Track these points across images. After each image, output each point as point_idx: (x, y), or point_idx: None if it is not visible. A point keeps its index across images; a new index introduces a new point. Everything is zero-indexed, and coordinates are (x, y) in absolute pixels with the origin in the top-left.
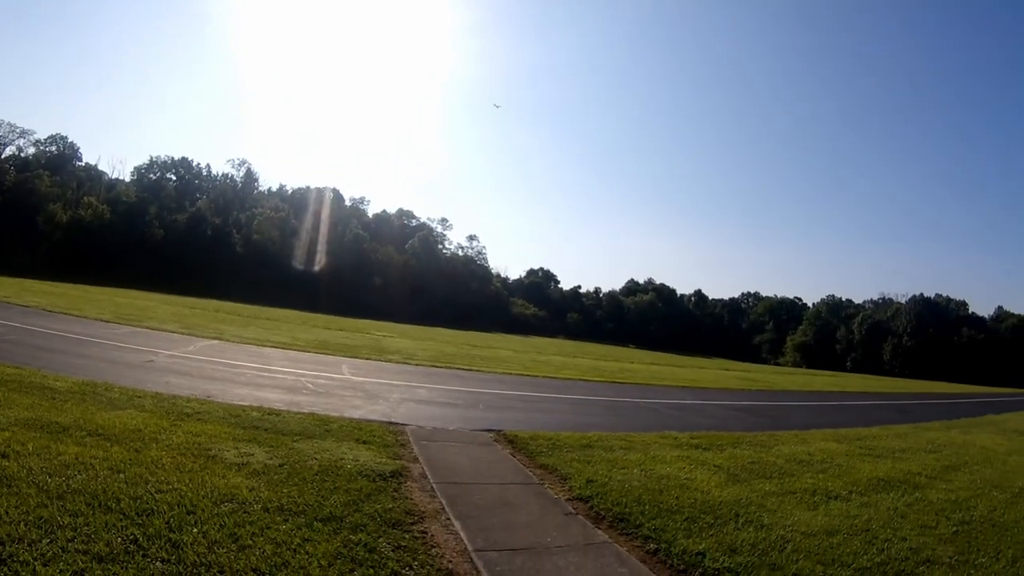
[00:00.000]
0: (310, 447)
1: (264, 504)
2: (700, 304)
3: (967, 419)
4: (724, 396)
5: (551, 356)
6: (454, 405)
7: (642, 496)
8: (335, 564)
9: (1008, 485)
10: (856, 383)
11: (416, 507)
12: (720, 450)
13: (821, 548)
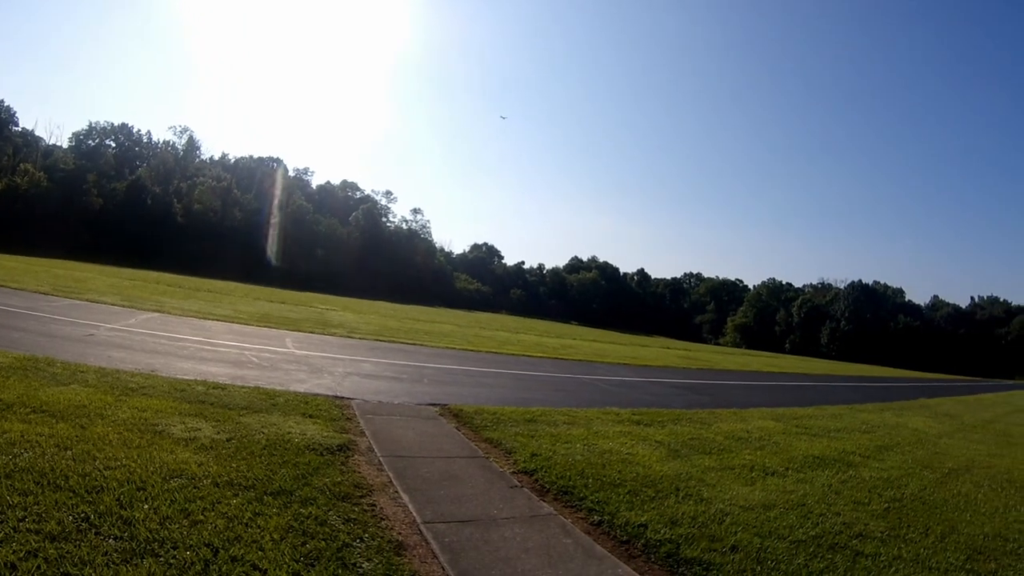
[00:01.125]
0: (257, 421)
1: (214, 479)
2: (643, 283)
3: (900, 402)
4: (665, 374)
5: (495, 331)
6: (399, 379)
7: (585, 470)
8: (287, 537)
9: (938, 466)
10: (794, 365)
11: (364, 480)
12: (661, 426)
13: (759, 521)
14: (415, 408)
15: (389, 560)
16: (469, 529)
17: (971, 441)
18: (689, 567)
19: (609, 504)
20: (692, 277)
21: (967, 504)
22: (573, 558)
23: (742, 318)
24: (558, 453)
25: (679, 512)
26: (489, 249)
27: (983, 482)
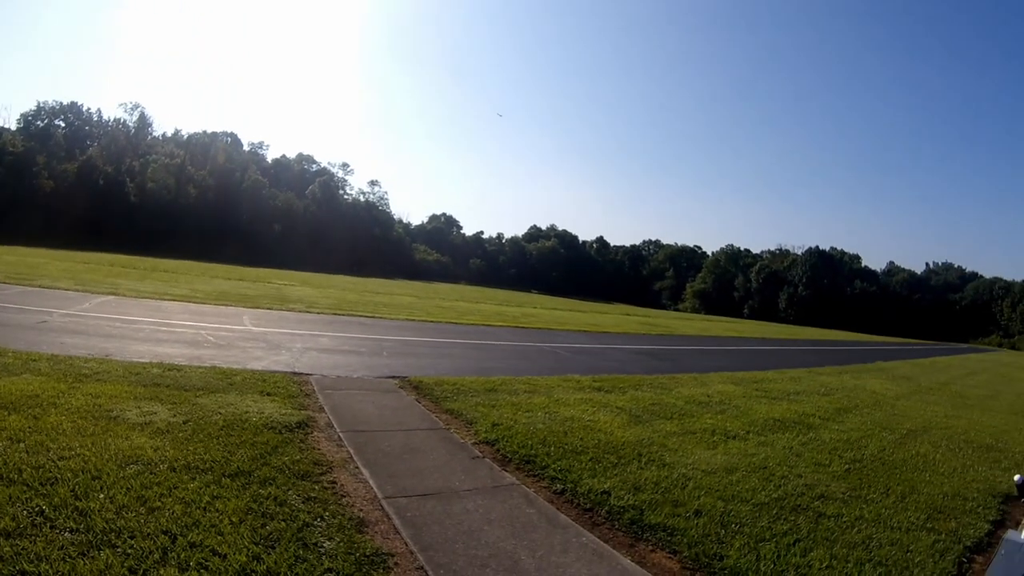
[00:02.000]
0: (214, 401)
1: (170, 463)
2: (602, 251)
3: (858, 365)
4: (625, 340)
5: (454, 302)
6: (358, 353)
7: (547, 438)
8: (246, 520)
9: (896, 427)
10: (752, 329)
11: (324, 457)
12: (622, 392)
13: (721, 485)
14: (374, 381)
15: (351, 538)
16: (431, 503)
17: (928, 403)
18: (653, 533)
19: (572, 472)
20: (651, 244)
21: (926, 464)
22: (537, 528)
23: (701, 284)
24: (519, 422)
25: (642, 478)
26: (448, 219)
27: (941, 443)
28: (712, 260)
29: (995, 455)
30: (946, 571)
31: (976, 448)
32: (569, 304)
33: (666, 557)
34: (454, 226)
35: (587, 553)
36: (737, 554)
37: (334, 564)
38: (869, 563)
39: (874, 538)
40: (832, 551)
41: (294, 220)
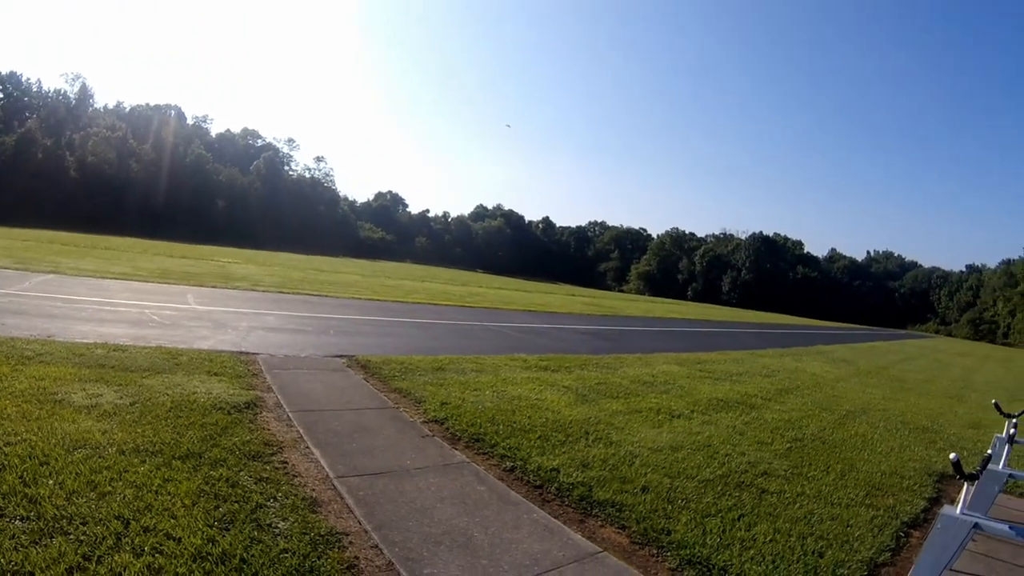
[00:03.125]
0: (160, 382)
1: (119, 447)
2: (548, 231)
3: (799, 348)
4: (571, 320)
5: (400, 280)
6: (304, 331)
7: (496, 417)
8: (199, 502)
9: (836, 408)
10: (696, 312)
11: (274, 437)
12: (568, 372)
13: (667, 462)
14: (322, 360)
15: (304, 518)
16: (383, 481)
17: (867, 386)
18: (602, 509)
19: (521, 450)
20: (597, 225)
21: (864, 444)
22: (488, 505)
23: (646, 266)
24: (468, 401)
25: (590, 455)
26: (394, 197)
27: (879, 423)
28: (657, 243)
29: (931, 436)
30: (884, 545)
31: (913, 429)
32: (515, 284)
33: (615, 532)
34: (400, 204)
35: (538, 529)
36: (684, 529)
37: (289, 544)
38: (811, 537)
39: (815, 513)
40: (775, 526)
41: (238, 196)
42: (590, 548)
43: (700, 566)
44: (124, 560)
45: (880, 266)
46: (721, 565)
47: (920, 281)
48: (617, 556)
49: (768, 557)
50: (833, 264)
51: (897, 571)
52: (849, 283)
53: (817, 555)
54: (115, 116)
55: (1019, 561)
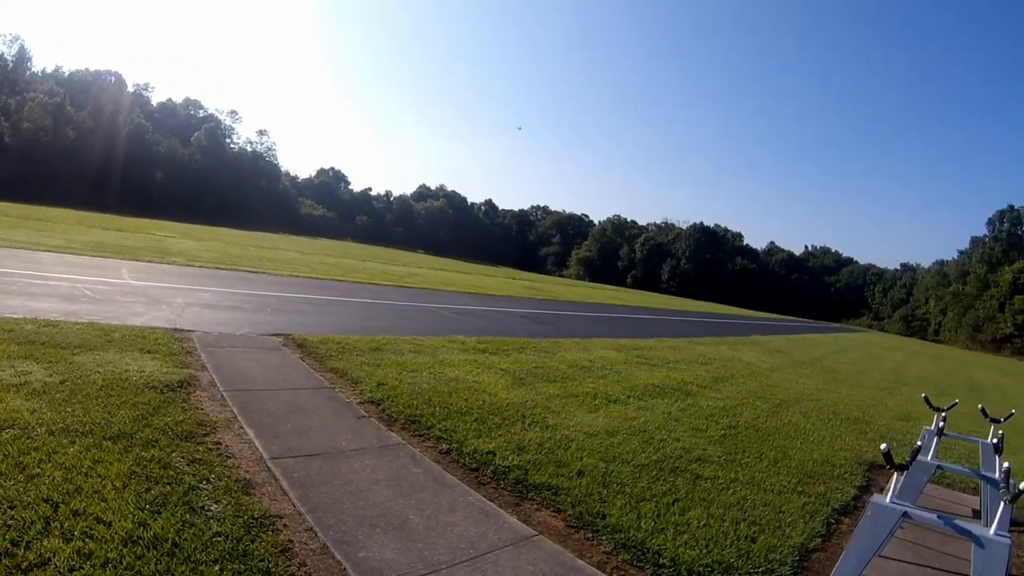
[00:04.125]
0: (92, 360)
1: (48, 427)
2: (490, 213)
3: (735, 337)
4: (510, 303)
5: (340, 259)
6: (241, 309)
7: (432, 398)
8: (130, 485)
9: (770, 396)
10: (635, 298)
11: (207, 417)
12: (506, 354)
13: (603, 447)
14: (258, 339)
15: (238, 500)
16: (318, 463)
17: (800, 376)
18: (538, 492)
19: (457, 432)
20: (539, 210)
21: (797, 432)
22: (424, 487)
23: (586, 252)
24: (404, 382)
25: (526, 439)
26: (336, 174)
27: (811, 413)
28: (599, 229)
29: (862, 427)
30: (816, 531)
31: (844, 420)
32: (455, 265)
33: (551, 516)
34: (342, 181)
35: (474, 512)
36: (619, 513)
37: (222, 528)
38: (744, 522)
39: (748, 499)
40: (709, 511)
41: (178, 168)
42: (526, 531)
43: (635, 550)
44: (53, 545)
45: (817, 261)
46: (655, 549)
47: (856, 277)
48: (552, 539)
49: (702, 541)
50: (771, 257)
51: (828, 556)
52: (786, 276)
53: (750, 540)
54: (53, 81)
55: (946, 549)
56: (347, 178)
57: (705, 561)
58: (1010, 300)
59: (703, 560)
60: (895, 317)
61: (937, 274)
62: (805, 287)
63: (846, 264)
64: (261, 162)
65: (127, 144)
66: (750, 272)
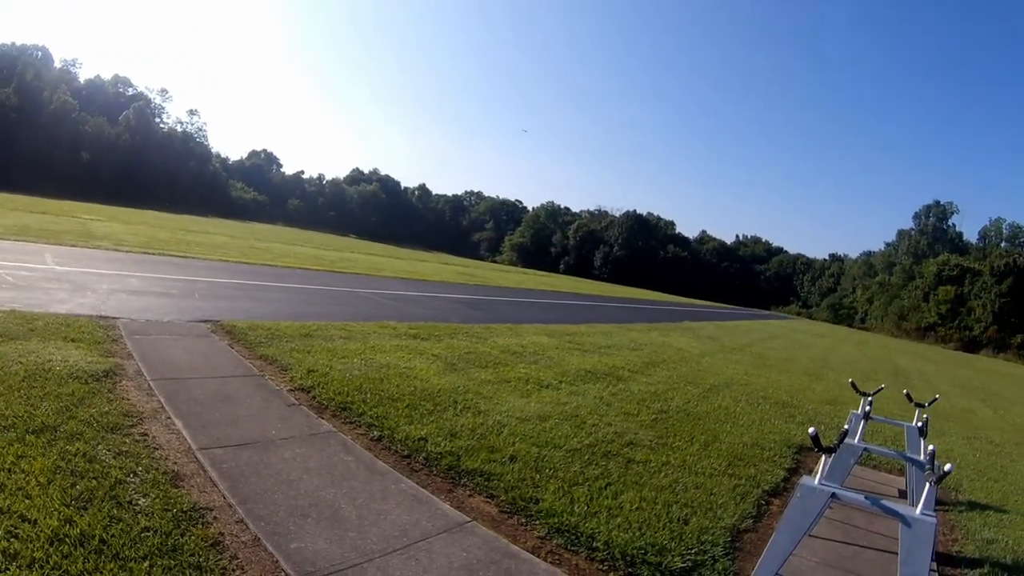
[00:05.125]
0: (13, 349)
1: None
2: (424, 198)
3: (667, 324)
4: (443, 289)
5: (270, 243)
6: (168, 295)
7: (363, 385)
8: (55, 480)
9: (700, 382)
10: (568, 284)
11: (134, 408)
12: (438, 340)
13: (535, 432)
14: (186, 325)
15: (166, 493)
16: (247, 453)
17: (730, 361)
18: (471, 478)
19: (388, 419)
20: (473, 195)
21: (727, 416)
22: (356, 475)
23: (520, 238)
24: (335, 369)
25: (458, 425)
26: (268, 156)
27: (741, 397)
28: (532, 215)
29: (790, 411)
30: (747, 513)
31: (773, 404)
32: (388, 250)
33: (484, 501)
34: (274, 164)
35: (407, 499)
36: (552, 497)
37: (151, 522)
38: (676, 504)
39: (680, 482)
40: (642, 494)
41: (105, 149)
42: (459, 518)
43: (568, 534)
44: None
45: (748, 250)
46: (589, 533)
47: (785, 266)
48: (486, 525)
49: (635, 524)
50: (703, 245)
51: (759, 537)
52: (717, 264)
53: (682, 522)
54: None
55: (873, 528)
56: (279, 160)
57: (639, 544)
58: (934, 291)
59: (636, 543)
60: (823, 305)
61: (864, 265)
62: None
63: (776, 253)
64: (191, 143)
65: (52, 123)
66: (682, 260)
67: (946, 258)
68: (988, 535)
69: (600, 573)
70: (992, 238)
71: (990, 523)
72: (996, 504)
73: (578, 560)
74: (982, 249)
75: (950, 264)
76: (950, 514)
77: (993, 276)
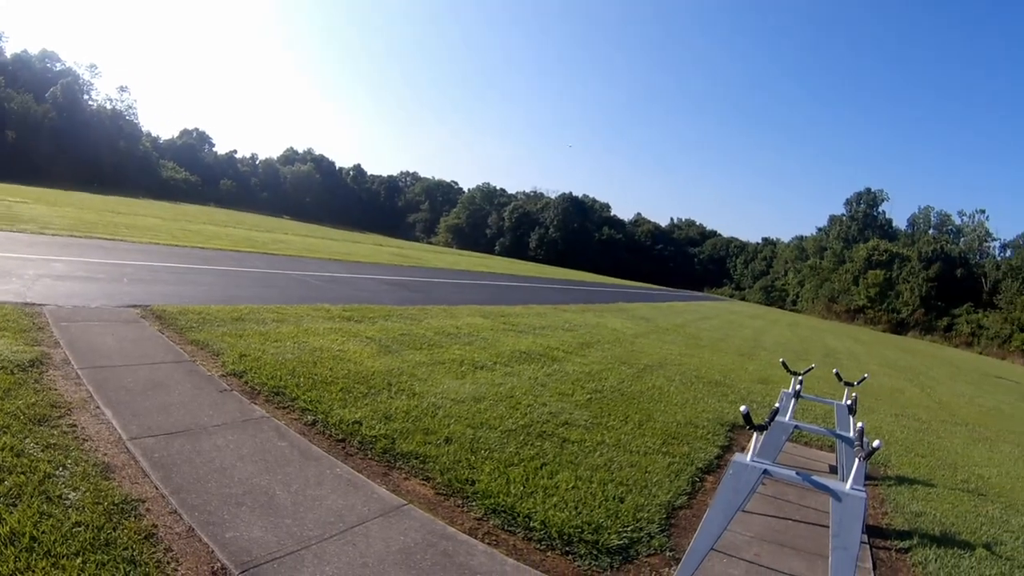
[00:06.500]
0: None
1: None
2: (359, 179)
3: (601, 305)
4: (377, 271)
5: (202, 225)
6: (96, 280)
7: (297, 369)
8: None
9: (634, 362)
10: (502, 266)
11: (62, 398)
12: (372, 322)
13: (470, 413)
14: (114, 311)
15: (97, 486)
16: (179, 441)
17: (664, 342)
18: (406, 461)
19: (322, 403)
20: (408, 176)
21: (661, 396)
22: (290, 461)
23: (455, 219)
24: (268, 353)
25: (392, 407)
26: (200, 135)
27: (675, 377)
28: (468, 196)
29: (723, 390)
30: (681, 489)
31: (707, 383)
32: (322, 232)
33: (420, 484)
34: (207, 143)
35: (342, 484)
36: (488, 478)
37: (82, 516)
38: (611, 483)
39: (615, 461)
40: (577, 473)
41: (31, 127)
42: (395, 501)
43: (505, 514)
44: None
45: (682, 232)
46: (526, 513)
47: (719, 249)
48: (422, 508)
49: (571, 503)
50: (638, 228)
51: (694, 513)
52: (652, 246)
53: (618, 500)
54: None
55: (805, 502)
56: (211, 140)
57: (575, 523)
58: (864, 275)
59: (573, 522)
60: (756, 287)
61: (796, 248)
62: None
63: (710, 236)
64: (121, 121)
65: None
66: (617, 242)
67: (876, 243)
68: (916, 508)
69: (538, 552)
70: (920, 225)
71: (918, 496)
72: (923, 478)
73: (515, 540)
74: (911, 236)
75: (879, 249)
76: (880, 488)
77: (921, 262)
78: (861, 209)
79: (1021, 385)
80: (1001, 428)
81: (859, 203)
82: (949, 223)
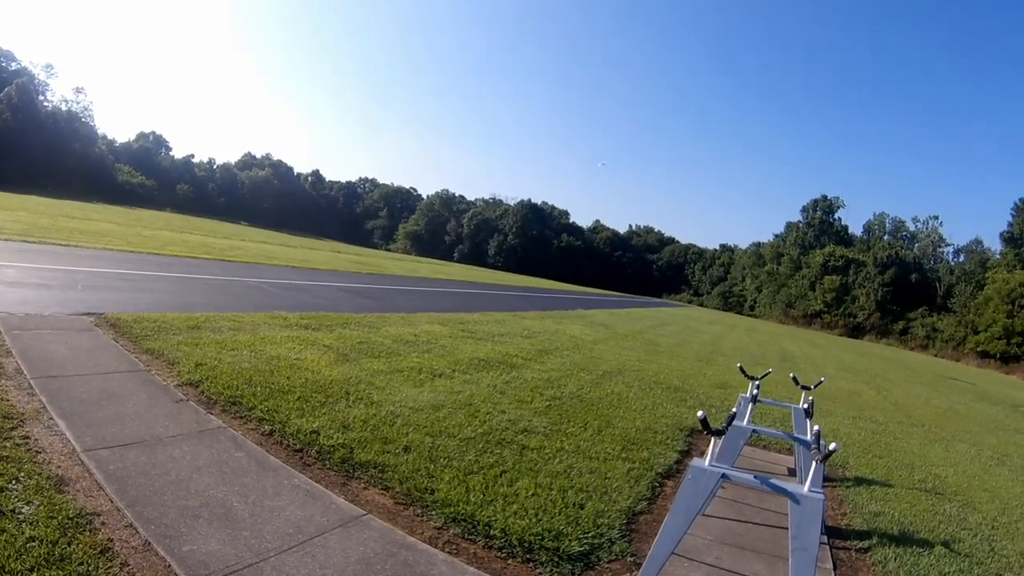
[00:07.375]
0: None
1: None
2: (317, 185)
3: (560, 311)
4: (335, 278)
5: (158, 231)
6: (48, 286)
7: (253, 378)
8: None
9: (593, 368)
10: (461, 273)
11: (14, 409)
12: (330, 330)
13: (429, 421)
14: (67, 319)
15: (51, 499)
16: (134, 453)
17: (623, 348)
18: (365, 471)
19: (279, 412)
20: (367, 182)
21: (620, 402)
22: (247, 472)
23: (414, 226)
24: (224, 362)
25: (350, 416)
26: (156, 139)
27: (633, 383)
28: (427, 203)
29: (682, 395)
30: (641, 494)
31: (665, 389)
32: (280, 238)
33: (379, 493)
34: (163, 147)
35: (300, 495)
36: (448, 487)
37: (36, 531)
38: (571, 489)
39: (575, 467)
40: (537, 480)
41: None
42: (354, 511)
43: (465, 523)
44: None
45: (641, 239)
46: (486, 521)
47: (677, 255)
48: (382, 518)
49: (531, 511)
50: (597, 235)
51: (654, 518)
52: (611, 253)
53: (578, 507)
54: None
55: (764, 505)
56: (168, 143)
57: (536, 530)
58: (820, 280)
59: (533, 529)
60: (714, 293)
61: (754, 255)
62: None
63: (668, 243)
64: (76, 123)
65: None
66: (575, 249)
67: (832, 249)
68: (875, 508)
69: (499, 560)
70: (876, 231)
71: (876, 497)
72: (881, 479)
73: (476, 549)
74: (866, 242)
75: (836, 255)
76: (838, 490)
77: (876, 267)
78: (817, 216)
79: (975, 386)
80: (956, 428)
81: (815, 210)
82: (904, 229)
